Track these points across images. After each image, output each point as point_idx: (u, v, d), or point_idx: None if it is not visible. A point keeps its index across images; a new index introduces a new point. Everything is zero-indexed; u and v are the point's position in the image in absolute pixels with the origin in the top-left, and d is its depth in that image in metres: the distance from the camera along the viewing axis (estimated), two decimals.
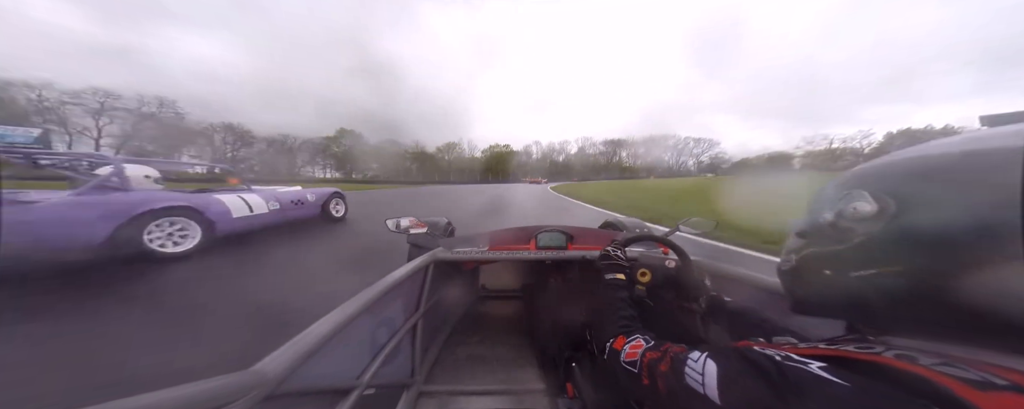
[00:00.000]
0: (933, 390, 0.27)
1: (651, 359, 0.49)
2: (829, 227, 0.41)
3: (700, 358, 0.40)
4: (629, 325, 0.67)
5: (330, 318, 0.72)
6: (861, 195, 0.38)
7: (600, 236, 1.62)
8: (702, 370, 0.38)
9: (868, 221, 0.37)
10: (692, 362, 0.40)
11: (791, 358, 0.34)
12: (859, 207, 0.37)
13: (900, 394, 0.28)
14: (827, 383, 0.30)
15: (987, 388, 0.26)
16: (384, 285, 0.99)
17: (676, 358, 0.44)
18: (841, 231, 0.39)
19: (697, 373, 0.39)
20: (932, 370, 0.29)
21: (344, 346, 0.83)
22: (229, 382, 0.46)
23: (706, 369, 0.38)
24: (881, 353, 0.33)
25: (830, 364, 0.33)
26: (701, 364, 0.39)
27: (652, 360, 0.48)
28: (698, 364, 0.39)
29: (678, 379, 0.41)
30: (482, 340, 1.86)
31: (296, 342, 0.62)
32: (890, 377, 0.30)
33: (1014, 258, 0.27)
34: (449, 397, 1.37)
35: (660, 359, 0.47)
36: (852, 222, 0.38)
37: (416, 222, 1.73)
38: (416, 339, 1.40)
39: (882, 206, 0.36)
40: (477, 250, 1.53)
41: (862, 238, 0.37)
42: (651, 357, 0.49)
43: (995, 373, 0.27)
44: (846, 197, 0.39)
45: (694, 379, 0.39)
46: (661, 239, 1.21)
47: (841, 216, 0.39)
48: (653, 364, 0.48)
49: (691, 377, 0.39)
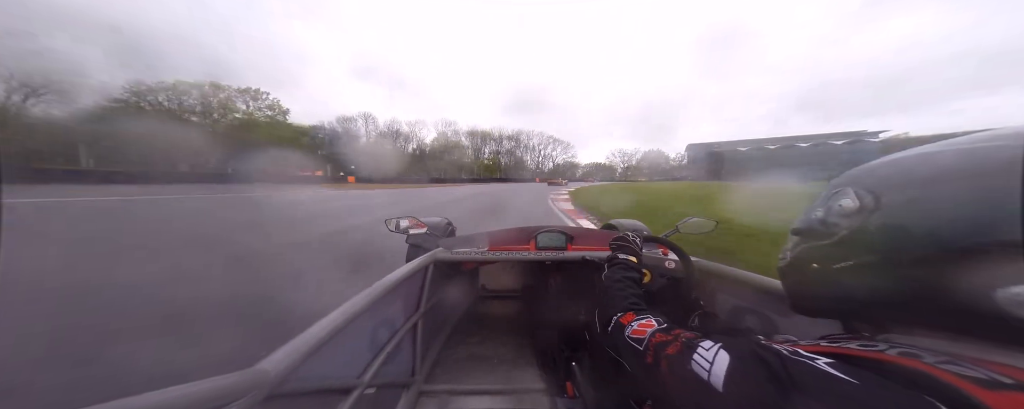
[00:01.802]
0: (939, 387, 0.27)
1: (660, 341, 0.49)
2: (819, 223, 0.44)
3: (712, 347, 0.40)
4: (639, 303, 0.67)
5: (331, 318, 0.72)
6: (846, 192, 0.41)
7: (600, 236, 1.62)
8: (712, 359, 0.38)
9: (851, 216, 0.40)
10: (702, 350, 0.40)
11: (798, 354, 0.34)
12: (844, 204, 0.41)
13: (907, 391, 0.28)
14: (835, 379, 0.30)
15: (995, 387, 0.26)
16: (384, 285, 0.99)
17: (686, 344, 0.44)
18: (828, 227, 0.43)
19: (706, 361, 0.38)
20: (936, 368, 0.29)
21: (345, 346, 0.83)
22: (231, 381, 0.46)
23: (717, 359, 0.38)
24: (884, 350, 0.33)
25: (836, 361, 0.33)
26: (712, 353, 0.39)
27: (660, 342, 0.48)
28: (709, 353, 0.39)
29: (684, 364, 0.41)
30: (482, 340, 1.86)
31: (297, 342, 0.62)
32: (894, 374, 0.30)
33: (978, 254, 0.29)
34: (449, 396, 1.37)
35: (669, 342, 0.47)
36: (838, 218, 0.41)
37: (416, 222, 1.73)
38: (416, 339, 1.40)
39: (863, 203, 0.39)
40: (477, 250, 1.53)
41: (845, 232, 0.40)
42: (660, 339, 0.49)
43: (999, 371, 0.27)
44: (835, 195, 0.43)
45: (701, 366, 0.38)
46: (661, 240, 1.21)
47: (829, 213, 0.43)
48: (660, 346, 0.48)
49: (698, 364, 0.39)
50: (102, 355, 1.89)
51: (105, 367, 1.78)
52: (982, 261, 0.29)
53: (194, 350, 1.99)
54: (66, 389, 1.64)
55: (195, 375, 0.45)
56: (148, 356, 1.92)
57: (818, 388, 0.30)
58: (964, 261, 0.30)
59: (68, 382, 1.67)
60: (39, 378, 1.69)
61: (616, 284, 0.75)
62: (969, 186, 0.31)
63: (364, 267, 3.84)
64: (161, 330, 2.25)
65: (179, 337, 2.16)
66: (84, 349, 1.99)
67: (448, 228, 2.11)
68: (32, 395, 1.61)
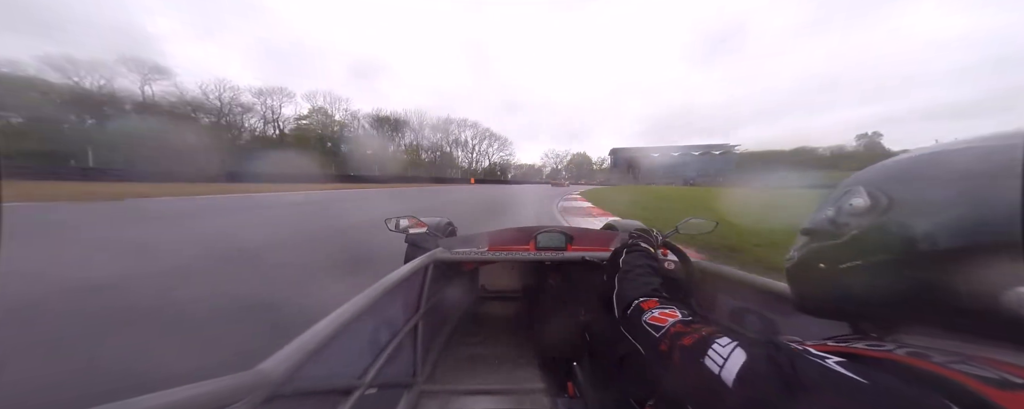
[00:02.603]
0: (951, 388, 0.27)
1: (677, 331, 0.49)
2: (828, 223, 0.44)
3: (729, 345, 0.39)
4: (661, 292, 0.66)
5: (331, 318, 0.72)
6: (858, 191, 0.40)
7: (600, 237, 1.62)
8: (727, 356, 0.38)
9: (862, 215, 0.39)
10: (718, 346, 0.40)
11: (809, 352, 0.34)
12: (855, 203, 0.40)
13: (917, 392, 0.28)
14: (845, 378, 0.30)
15: (1006, 387, 0.26)
16: (384, 285, 0.99)
17: (703, 338, 0.43)
18: (838, 226, 0.42)
19: (720, 357, 0.38)
20: (947, 368, 0.29)
21: (346, 346, 0.83)
22: (232, 382, 0.46)
23: (732, 356, 0.37)
24: (893, 350, 0.33)
25: (846, 360, 0.32)
26: (728, 350, 0.38)
27: (678, 333, 0.48)
28: (725, 349, 0.39)
29: (697, 356, 0.41)
30: (483, 340, 1.85)
31: (298, 342, 0.61)
32: (904, 374, 0.30)
33: (989, 254, 0.29)
34: (450, 396, 1.37)
35: (686, 334, 0.47)
36: (848, 217, 0.41)
37: (416, 222, 1.72)
38: (417, 339, 1.40)
39: (875, 201, 0.38)
40: (477, 250, 1.53)
41: (855, 231, 0.40)
42: (679, 330, 0.49)
43: (1010, 371, 0.27)
44: (846, 194, 0.42)
45: (715, 362, 0.38)
46: (661, 240, 1.21)
47: (839, 212, 0.42)
48: (677, 336, 0.47)
49: (711, 359, 0.39)
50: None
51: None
52: (992, 261, 0.29)
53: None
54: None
55: (199, 375, 0.45)
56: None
57: (828, 387, 0.30)
58: (974, 260, 0.30)
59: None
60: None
61: (637, 269, 0.75)
62: (980, 185, 0.31)
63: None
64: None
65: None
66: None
67: (448, 228, 2.11)
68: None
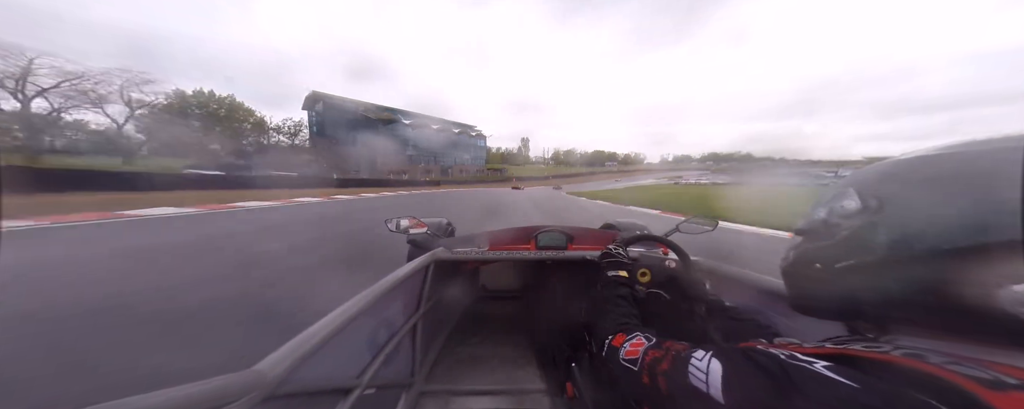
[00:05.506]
0: (945, 388, 0.27)
1: (653, 358, 0.48)
2: (822, 224, 0.45)
3: (704, 357, 0.40)
4: (628, 322, 0.66)
5: (330, 318, 0.72)
6: (850, 193, 0.41)
7: (600, 237, 1.62)
8: (706, 369, 0.38)
9: (854, 217, 0.40)
10: (696, 361, 0.40)
11: (796, 357, 0.34)
12: (846, 204, 0.41)
13: (908, 392, 0.28)
14: (832, 382, 0.30)
15: (1000, 388, 0.26)
16: (384, 285, 0.99)
17: (678, 357, 0.44)
18: (831, 227, 0.43)
19: (701, 372, 0.38)
20: (941, 368, 0.29)
21: (344, 346, 0.83)
22: (229, 382, 0.46)
23: (710, 368, 0.38)
24: (889, 352, 0.33)
25: (836, 363, 0.33)
26: (706, 363, 0.39)
27: (653, 359, 0.48)
28: (702, 363, 0.39)
29: (681, 378, 0.41)
30: (482, 340, 1.85)
31: (296, 342, 0.61)
32: (898, 375, 0.30)
33: (981, 254, 0.29)
34: (449, 397, 1.37)
35: (662, 358, 0.47)
36: (840, 218, 0.42)
37: (416, 222, 1.73)
38: (416, 339, 1.40)
39: (866, 203, 0.39)
40: (477, 250, 1.53)
41: (847, 232, 0.40)
42: (653, 356, 0.49)
43: (1004, 372, 0.27)
44: (838, 196, 0.43)
45: (698, 378, 0.38)
46: (661, 239, 1.21)
47: (832, 213, 0.43)
48: (654, 363, 0.47)
49: (695, 376, 0.39)
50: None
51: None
52: (984, 260, 0.29)
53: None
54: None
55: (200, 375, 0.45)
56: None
57: (817, 392, 0.30)
58: (966, 261, 0.30)
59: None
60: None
61: (606, 305, 0.75)
62: (971, 186, 0.32)
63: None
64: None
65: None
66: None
67: (448, 228, 2.11)
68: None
